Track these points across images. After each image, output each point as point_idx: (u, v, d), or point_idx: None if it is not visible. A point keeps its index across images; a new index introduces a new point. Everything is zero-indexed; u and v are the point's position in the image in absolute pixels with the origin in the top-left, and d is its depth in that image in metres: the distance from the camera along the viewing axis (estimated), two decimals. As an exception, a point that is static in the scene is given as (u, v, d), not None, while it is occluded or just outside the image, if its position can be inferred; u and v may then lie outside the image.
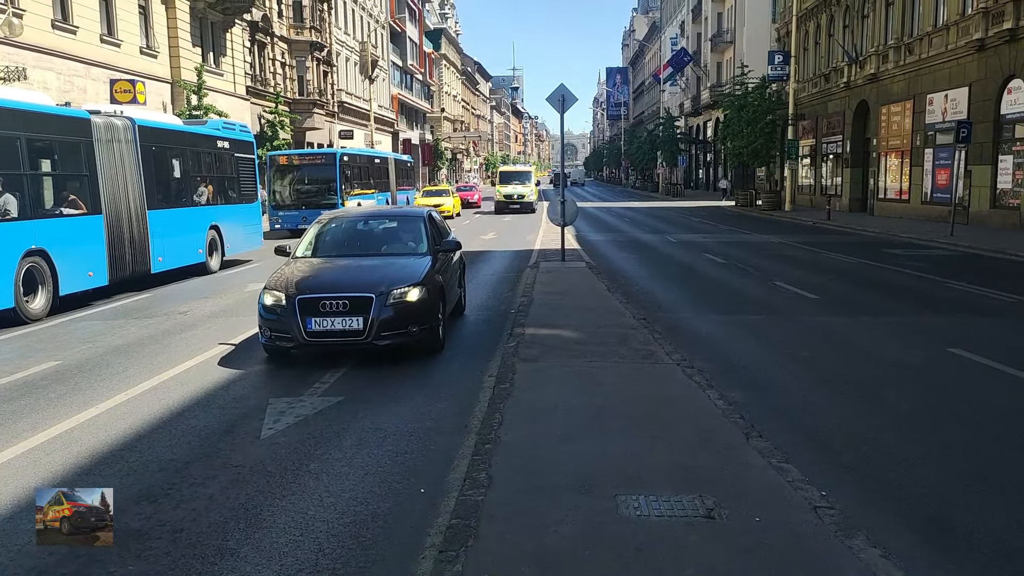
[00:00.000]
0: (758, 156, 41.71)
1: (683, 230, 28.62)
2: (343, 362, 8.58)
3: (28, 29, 20.48)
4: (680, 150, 66.04)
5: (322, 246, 10.15)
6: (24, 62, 20.35)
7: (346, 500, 5.10)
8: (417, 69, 79.11)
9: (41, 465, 5.80)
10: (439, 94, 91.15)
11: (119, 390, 7.82)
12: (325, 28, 47.96)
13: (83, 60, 24.93)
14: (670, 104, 78.14)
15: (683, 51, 64.17)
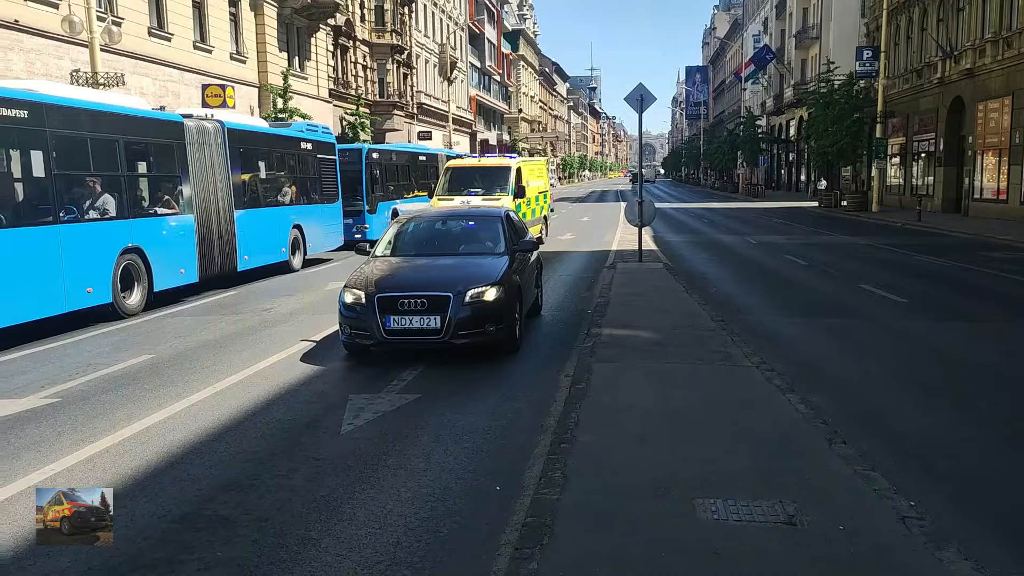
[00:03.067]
0: (844, 155, 40.46)
1: (763, 231, 28.01)
2: (421, 360, 8.70)
3: (126, 37, 21.41)
4: (761, 150, 64.65)
5: (401, 245, 10.32)
6: (123, 68, 21.29)
7: (423, 496, 5.18)
8: (495, 70, 79.61)
9: (137, 453, 6.06)
10: (517, 95, 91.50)
11: (208, 383, 8.11)
12: (405, 31, 48.71)
13: (177, 66, 25.94)
14: (751, 103, 76.59)
15: (766, 48, 62.77)
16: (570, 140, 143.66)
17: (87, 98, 12.72)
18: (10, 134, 10.47)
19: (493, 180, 21.32)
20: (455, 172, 22.28)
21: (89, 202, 11.95)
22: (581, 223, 34.35)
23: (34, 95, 11.01)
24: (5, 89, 10.94)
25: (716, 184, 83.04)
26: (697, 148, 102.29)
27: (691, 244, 23.83)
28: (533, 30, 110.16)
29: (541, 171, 26.80)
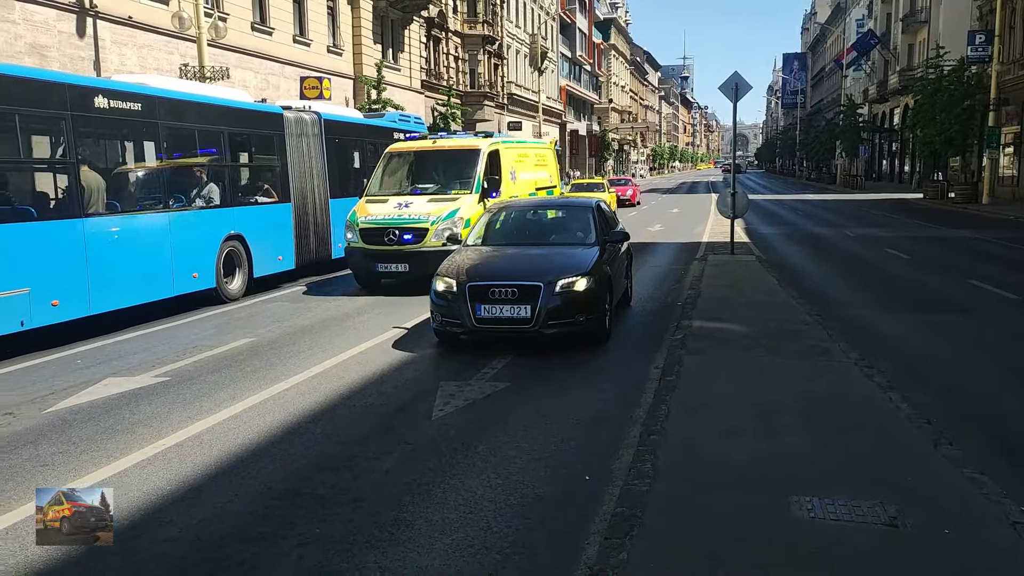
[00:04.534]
0: (952, 145, 38.59)
1: (862, 224, 27.01)
2: (510, 349, 8.76)
3: (231, 32, 22.22)
4: (862, 139, 62.26)
5: (492, 235, 10.40)
6: (227, 62, 22.10)
7: (513, 482, 5.23)
8: (586, 60, 79.14)
9: (240, 432, 6.32)
10: (607, 85, 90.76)
11: (305, 367, 8.36)
12: (497, 22, 48.92)
13: (277, 59, 26.76)
14: (852, 91, 73.82)
15: (870, 33, 60.37)
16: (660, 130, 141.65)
17: (194, 91, 13.30)
18: (125, 125, 11.04)
19: (453, 171, 14.22)
20: (395, 160, 14.67)
21: (196, 190, 12.49)
22: (671, 215, 33.89)
23: (147, 88, 11.56)
24: (121, 83, 11.54)
25: (812, 175, 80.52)
26: (793, 138, 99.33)
27: (785, 236, 23.20)
28: (625, 19, 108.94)
29: (543, 159, 17.92)
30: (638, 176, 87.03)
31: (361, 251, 13.05)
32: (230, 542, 4.43)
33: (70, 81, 10.41)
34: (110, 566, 4.21)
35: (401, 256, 12.72)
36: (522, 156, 16.42)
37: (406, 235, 12.73)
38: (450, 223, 12.80)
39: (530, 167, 16.68)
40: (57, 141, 10.10)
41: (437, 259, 10.66)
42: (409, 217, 12.91)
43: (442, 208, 13.03)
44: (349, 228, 13.22)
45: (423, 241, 12.70)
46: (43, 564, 4.19)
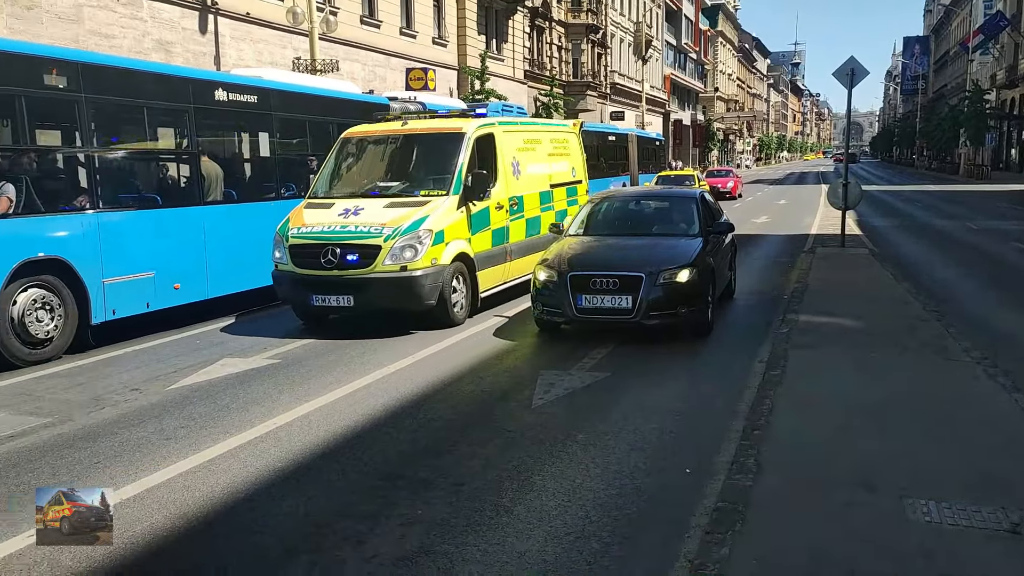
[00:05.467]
0: (1088, 132, 35.93)
1: (987, 216, 25.52)
2: (611, 339, 8.71)
3: (341, 25, 22.85)
4: (989, 127, 58.75)
5: (593, 225, 10.36)
6: (336, 55, 22.73)
7: (612, 472, 5.21)
8: (691, 48, 77.54)
9: (345, 414, 6.52)
10: (713, 73, 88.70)
11: (407, 353, 8.54)
12: (601, 11, 48.53)
13: (384, 51, 27.35)
14: (979, 76, 69.73)
15: (999, 15, 56.82)
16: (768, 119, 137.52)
17: (306, 83, 13.76)
18: (242, 117, 11.53)
19: (427, 163, 10.75)
20: (352, 149, 11.04)
21: (306, 180, 12.92)
22: (777, 206, 32.90)
23: (262, 81, 12.03)
24: (239, 76, 12.05)
25: (932, 165, 76.59)
26: (912, 126, 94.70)
27: (901, 229, 22.18)
28: (733, 4, 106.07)
29: (563, 146, 13.44)
30: (743, 167, 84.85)
31: (290, 277, 9.35)
32: (336, 519, 4.59)
33: (193, 75, 10.96)
34: (228, 534, 4.43)
35: (343, 285, 8.99)
36: (530, 143, 12.14)
37: (350, 255, 8.92)
38: (412, 238, 8.99)
39: (542, 158, 12.43)
40: (180, 132, 10.65)
41: (392, 290, 8.93)
42: (356, 229, 9.05)
43: (404, 216, 9.16)
44: (277, 244, 9.54)
45: (373, 264, 8.89)
46: (167, 531, 4.45)
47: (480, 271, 10.11)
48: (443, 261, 9.33)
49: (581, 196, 13.32)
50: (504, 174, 10.87)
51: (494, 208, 10.54)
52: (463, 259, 9.75)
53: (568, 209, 12.76)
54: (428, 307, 9.28)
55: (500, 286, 10.86)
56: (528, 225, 11.57)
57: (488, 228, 10.45)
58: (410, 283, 9.01)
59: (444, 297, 9.33)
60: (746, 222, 23.68)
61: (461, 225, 9.77)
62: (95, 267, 8.78)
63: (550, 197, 12.44)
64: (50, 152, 9.22)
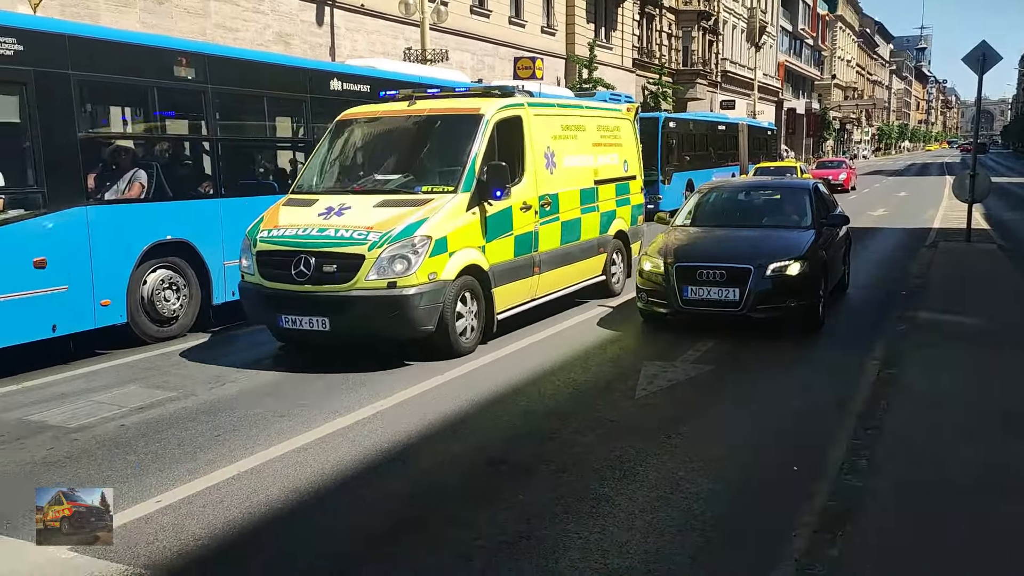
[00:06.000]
0: None
1: None
2: (716, 332, 8.55)
3: (451, 16, 23.17)
4: None
5: (701, 215, 10.17)
6: (446, 45, 23.08)
7: (715, 467, 5.12)
8: (808, 33, 74.74)
9: (450, 399, 6.62)
10: (831, 59, 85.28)
11: (511, 342, 8.56)
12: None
13: (493, 41, 27.57)
14: None
15: None
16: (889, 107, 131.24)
17: (416, 73, 14.00)
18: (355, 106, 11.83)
19: (434, 151, 8.87)
20: (348, 134, 9.16)
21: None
22: (897, 198, 31.43)
23: (374, 71, 12.32)
24: (352, 66, 12.39)
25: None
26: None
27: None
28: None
29: (612, 135, 11.31)
30: (860, 157, 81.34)
31: (256, 291, 7.67)
32: (441, 500, 4.70)
33: (310, 66, 11.34)
34: (338, 510, 4.60)
35: (316, 304, 7.24)
36: (571, 130, 10.03)
37: (326, 265, 7.22)
38: (404, 246, 7.19)
39: (586, 148, 10.35)
40: (297, 121, 11.05)
41: (377, 313, 7.14)
42: (335, 234, 7.34)
43: (396, 218, 7.40)
44: (244, 250, 7.88)
45: (354, 278, 7.15)
46: (281, 503, 4.64)
47: (497, 287, 8.15)
48: (445, 275, 7.40)
49: (635, 195, 11.71)
50: (534, 167, 8.87)
51: (518, 209, 8.50)
52: (474, 272, 7.82)
53: (617, 211, 11.02)
54: (424, 334, 7.38)
55: (524, 305, 8.88)
56: (564, 229, 9.48)
57: (510, 233, 8.40)
58: (399, 304, 7.10)
59: (445, 321, 7.41)
60: (862, 215, 22.75)
61: (472, 230, 7.81)
62: (217, 250, 9.22)
63: (594, 196, 10.34)
64: (178, 141, 9.74)
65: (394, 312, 7.15)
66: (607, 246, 10.72)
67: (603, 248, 10.60)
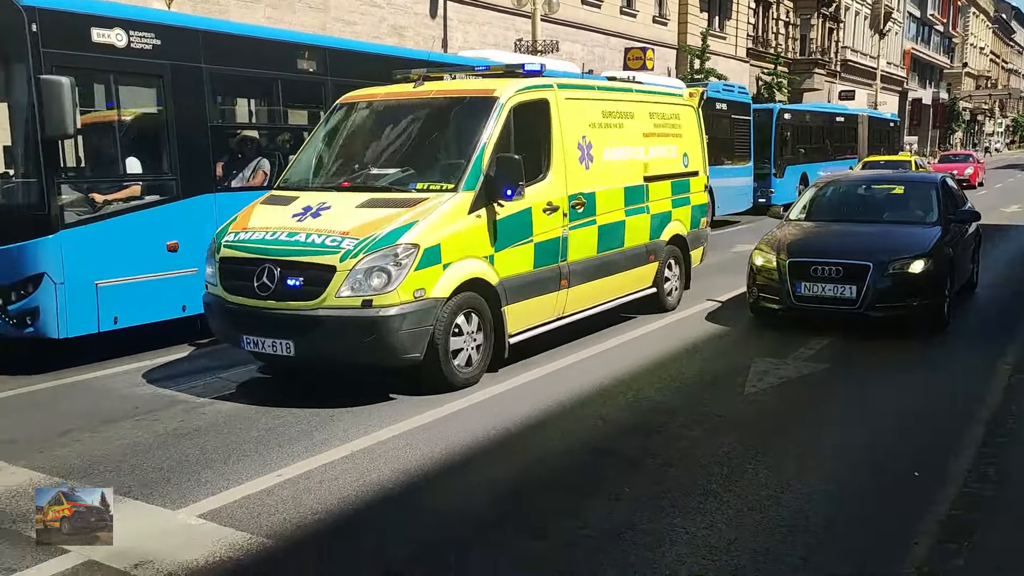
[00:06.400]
0: None
1: None
2: (830, 330, 8.25)
3: (562, 6, 23.18)
4: None
5: (817, 210, 9.84)
6: (557, 36, 23.10)
7: (827, 469, 4.98)
8: (938, 19, 70.84)
9: (552, 390, 6.62)
10: (962, 47, 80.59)
11: (616, 334, 8.47)
12: (834, -18, 45.57)
13: (604, 31, 27.39)
14: None
15: None
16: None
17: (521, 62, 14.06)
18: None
19: (437, 142, 7.65)
20: (345, 119, 7.86)
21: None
22: (1034, 194, 29.50)
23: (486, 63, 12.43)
24: (464, 58, 12.57)
25: None
26: None
27: None
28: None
29: (670, 124, 9.63)
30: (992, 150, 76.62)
31: (218, 305, 6.60)
32: (545, 488, 4.74)
33: (420, 56, 11.54)
34: (445, 493, 4.71)
35: (280, 324, 6.13)
36: (614, 117, 8.49)
37: (291, 278, 6.10)
38: (384, 256, 6.02)
39: (633, 138, 8.74)
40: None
41: (348, 336, 5.99)
42: (306, 240, 6.23)
43: (379, 221, 6.22)
44: (208, 256, 6.80)
45: (323, 295, 5.99)
46: (392, 484, 4.78)
47: (511, 304, 6.86)
48: (437, 292, 6.16)
49: (696, 194, 10.08)
50: (563, 160, 7.48)
51: (540, 210, 7.17)
52: (477, 287, 6.56)
53: (673, 212, 9.39)
54: (408, 363, 6.19)
55: (546, 325, 7.51)
56: (603, 235, 8.06)
57: (529, 240, 7.08)
58: (375, 327, 5.90)
59: (436, 347, 6.18)
60: (993, 211, 21.46)
61: (475, 236, 6.55)
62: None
63: (643, 195, 8.76)
64: (300, 131, 10.10)
65: (369, 336, 5.91)
66: (659, 253, 9.09)
67: (654, 256, 9.00)
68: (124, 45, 7.41)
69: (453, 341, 6.35)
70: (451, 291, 6.28)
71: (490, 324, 6.68)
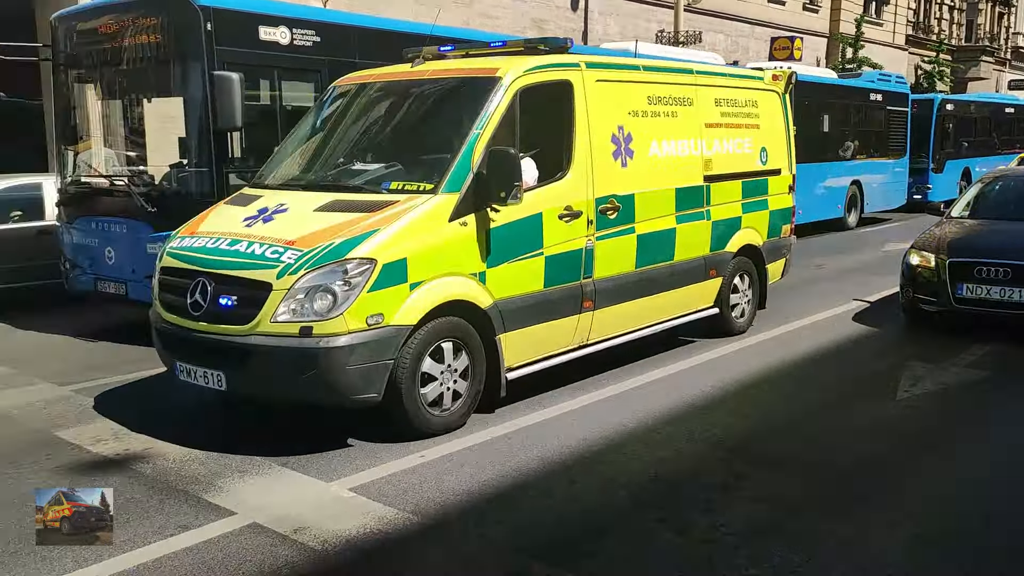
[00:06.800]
0: None
1: None
2: (994, 335, 7.73)
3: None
4: None
5: (983, 207, 9.22)
6: (699, 27, 22.65)
7: (991, 482, 4.69)
8: (1125, 0, 64.51)
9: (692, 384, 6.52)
10: None
11: (756, 331, 8.19)
12: (1006, -37, 42.35)
13: (749, 20, 26.60)
14: None
15: None
16: None
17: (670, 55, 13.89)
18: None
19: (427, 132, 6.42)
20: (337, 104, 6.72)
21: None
22: None
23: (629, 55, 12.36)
24: (605, 49, 12.54)
25: None
26: None
27: None
28: None
29: (747, 114, 8.04)
30: None
31: (154, 323, 5.68)
32: (685, 483, 4.70)
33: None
34: (585, 480, 4.75)
35: (210, 351, 5.19)
36: (662, 103, 7.06)
37: (224, 296, 5.15)
38: (331, 271, 4.95)
39: (689, 129, 7.28)
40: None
41: (283, 371, 4.95)
42: (245, 250, 5.28)
43: (333, 229, 5.18)
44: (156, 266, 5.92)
45: (257, 318, 4.97)
46: (532, 470, 4.86)
47: (511, 331, 5.68)
48: (400, 318, 5.03)
49: (777, 196, 8.42)
50: (588, 155, 6.17)
51: (555, 216, 5.92)
52: (461, 311, 5.39)
53: (744, 218, 7.89)
54: (362, 404, 5.07)
55: (564, 355, 6.25)
56: (644, 246, 6.71)
57: (538, 252, 5.85)
58: (315, 361, 4.84)
59: (399, 386, 5.05)
60: None
61: (459, 248, 5.38)
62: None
63: (702, 197, 7.35)
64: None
65: (309, 372, 4.85)
66: (724, 267, 7.67)
67: (717, 270, 7.60)
68: (288, 42, 7.86)
69: (427, 378, 5.21)
70: (420, 317, 5.09)
71: (481, 355, 5.48)
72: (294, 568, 3.73)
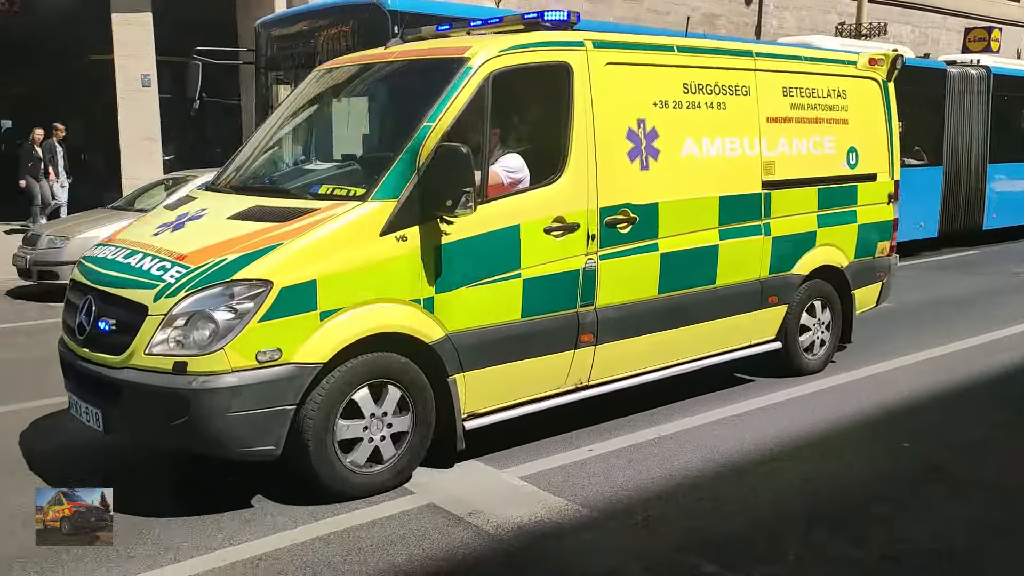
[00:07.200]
0: None
1: None
2: None
3: (889, -15, 21.55)
4: None
5: None
6: (884, 18, 21.42)
7: None
8: None
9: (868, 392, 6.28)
10: None
11: (941, 340, 7.75)
12: None
13: (939, 10, 24.89)
14: None
15: None
16: None
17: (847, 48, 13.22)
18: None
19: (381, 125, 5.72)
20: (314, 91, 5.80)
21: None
22: None
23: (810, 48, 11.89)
24: (786, 42, 12.13)
25: None
26: None
27: None
28: None
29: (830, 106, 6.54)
30: None
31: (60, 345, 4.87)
32: (863, 497, 4.50)
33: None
34: (755, 485, 4.67)
35: (88, 383, 4.41)
36: (706, 92, 5.72)
37: (104, 318, 4.32)
38: (215, 296, 4.03)
39: (746, 125, 5.97)
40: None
41: (153, 414, 4.10)
42: (135, 264, 4.44)
43: (236, 241, 4.26)
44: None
45: (131, 348, 4.09)
46: (699, 472, 4.83)
47: (471, 371, 4.67)
48: (305, 355, 4.10)
49: (869, 207, 6.91)
50: (591, 154, 5.03)
51: (538, 230, 4.83)
52: (397, 345, 4.42)
53: (820, 232, 6.51)
54: (254, 456, 4.18)
55: (555, 399, 5.17)
56: (670, 266, 5.52)
57: (513, 274, 4.77)
58: (187, 404, 3.96)
59: (305, 438, 4.15)
60: None
61: (395, 268, 4.38)
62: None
63: (758, 207, 6.06)
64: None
65: (179, 419, 3.95)
66: (788, 292, 6.34)
67: (779, 296, 6.28)
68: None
69: (346, 428, 4.26)
70: (334, 353, 4.15)
71: (427, 401, 4.50)
72: (470, 549, 3.90)
